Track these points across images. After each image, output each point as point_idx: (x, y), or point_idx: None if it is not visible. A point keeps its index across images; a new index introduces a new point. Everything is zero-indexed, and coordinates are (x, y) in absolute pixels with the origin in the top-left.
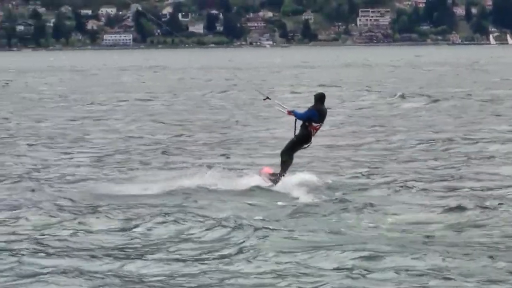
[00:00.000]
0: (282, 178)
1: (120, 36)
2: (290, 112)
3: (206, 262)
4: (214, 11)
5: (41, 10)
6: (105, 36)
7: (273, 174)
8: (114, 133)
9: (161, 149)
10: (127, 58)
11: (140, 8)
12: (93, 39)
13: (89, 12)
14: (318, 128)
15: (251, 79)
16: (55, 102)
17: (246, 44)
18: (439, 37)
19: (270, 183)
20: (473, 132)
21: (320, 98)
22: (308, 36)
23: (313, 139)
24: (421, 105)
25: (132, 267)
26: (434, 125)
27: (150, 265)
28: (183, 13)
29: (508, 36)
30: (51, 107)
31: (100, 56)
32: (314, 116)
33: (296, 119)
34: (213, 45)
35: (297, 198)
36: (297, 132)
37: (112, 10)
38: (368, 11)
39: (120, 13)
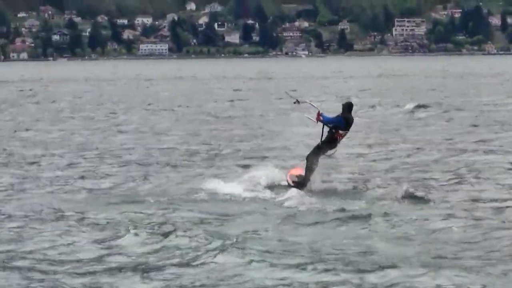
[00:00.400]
0: (308, 182)
1: (156, 46)
2: (319, 115)
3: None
4: (250, 21)
5: (77, 19)
6: (141, 46)
7: (298, 176)
8: (142, 144)
9: (201, 157)
10: (160, 68)
11: (176, 18)
12: (129, 48)
13: (125, 21)
14: (344, 136)
15: (278, 88)
16: (66, 113)
17: (282, 54)
18: (475, 47)
19: (294, 186)
20: (483, 143)
21: (348, 107)
22: (344, 46)
23: (338, 144)
24: (433, 114)
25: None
26: (446, 135)
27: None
28: (219, 23)
29: None
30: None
31: (132, 65)
32: (341, 123)
33: (323, 126)
34: (248, 55)
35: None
36: (324, 138)
37: (148, 20)
38: (404, 21)
39: (156, 22)
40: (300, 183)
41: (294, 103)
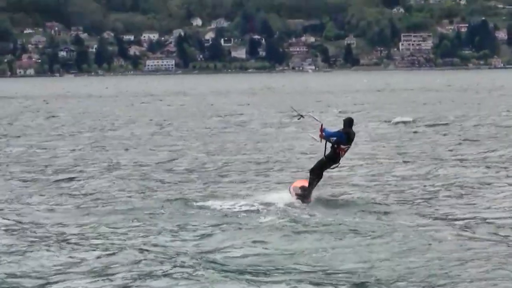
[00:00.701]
0: (310, 194)
1: (163, 62)
2: (322, 130)
3: None
4: (256, 36)
5: (84, 35)
6: (148, 62)
7: (302, 188)
8: (153, 160)
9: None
10: (165, 83)
11: (182, 34)
12: (135, 64)
13: (131, 37)
14: (346, 150)
15: (282, 103)
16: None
17: (289, 69)
18: (481, 62)
19: (296, 198)
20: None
21: (349, 122)
22: (350, 61)
23: (340, 159)
24: (420, 128)
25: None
26: (428, 148)
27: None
28: (226, 38)
29: None
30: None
31: (137, 81)
32: (342, 138)
33: (326, 142)
34: (255, 70)
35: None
36: (327, 152)
37: (154, 36)
38: (411, 35)
39: (163, 38)
40: (303, 195)
41: (298, 119)
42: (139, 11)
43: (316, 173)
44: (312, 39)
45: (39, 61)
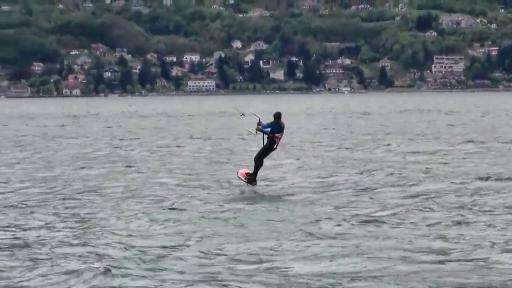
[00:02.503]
0: (255, 180)
1: (204, 82)
2: (259, 123)
3: None
4: (294, 59)
5: (128, 57)
6: (189, 82)
7: (248, 174)
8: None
9: None
10: (205, 103)
11: (223, 56)
12: (178, 85)
13: (174, 59)
14: (280, 138)
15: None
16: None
17: (325, 90)
18: (511, 84)
19: (245, 181)
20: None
21: (278, 116)
22: (385, 82)
23: (277, 146)
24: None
25: None
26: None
27: None
28: (264, 60)
29: None
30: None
31: (179, 101)
32: (276, 129)
33: (263, 134)
34: (293, 91)
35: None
36: (265, 142)
37: (196, 57)
38: (443, 58)
39: (204, 60)
40: (251, 179)
41: (241, 116)
42: (181, 33)
43: (259, 160)
44: (347, 61)
45: (85, 81)
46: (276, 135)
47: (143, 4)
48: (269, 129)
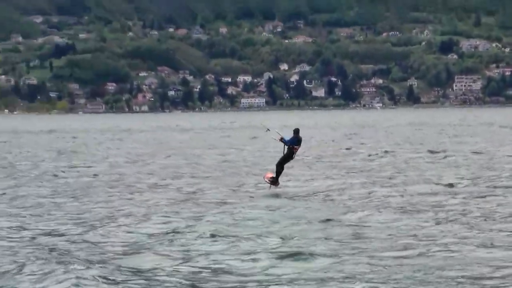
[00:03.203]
0: (277, 182)
1: (255, 100)
2: (281, 138)
3: None
4: (333, 79)
5: (189, 78)
6: (242, 100)
7: (272, 177)
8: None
9: None
10: (258, 118)
11: (271, 76)
12: (232, 102)
13: (229, 79)
14: (297, 149)
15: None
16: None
17: (360, 106)
18: None
19: (269, 184)
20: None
21: (297, 131)
22: (412, 99)
23: (294, 155)
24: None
25: None
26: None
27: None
28: (308, 80)
29: None
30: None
31: (235, 116)
32: (294, 142)
33: (284, 145)
34: (332, 107)
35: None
36: (285, 152)
37: (248, 78)
38: (463, 78)
39: (255, 80)
40: (273, 181)
41: (266, 131)
42: (235, 57)
43: (280, 167)
44: (380, 81)
45: (152, 99)
46: (295, 147)
47: (203, 32)
48: (289, 142)
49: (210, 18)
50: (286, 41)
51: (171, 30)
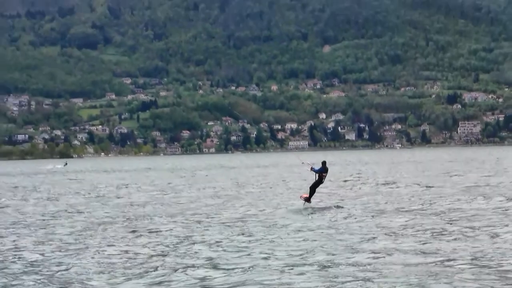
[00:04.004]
0: (310, 201)
1: (299, 143)
2: (312, 168)
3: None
4: (362, 125)
5: (247, 126)
6: (290, 143)
7: (306, 198)
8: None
9: None
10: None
11: (313, 124)
12: (282, 144)
13: (279, 126)
14: (325, 176)
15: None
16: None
17: (383, 146)
18: None
19: (304, 202)
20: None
21: (324, 163)
22: (425, 140)
23: (323, 180)
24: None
25: None
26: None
27: None
28: (341, 126)
29: None
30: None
31: (283, 156)
32: (322, 170)
33: (315, 173)
34: (361, 147)
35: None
36: (316, 178)
37: (294, 125)
38: (465, 123)
39: (299, 127)
40: (307, 200)
41: (302, 163)
42: (284, 109)
43: (312, 190)
44: (399, 126)
45: (218, 143)
46: (323, 174)
47: (258, 89)
48: (318, 170)
49: (263, 78)
50: (324, 95)
51: (232, 88)
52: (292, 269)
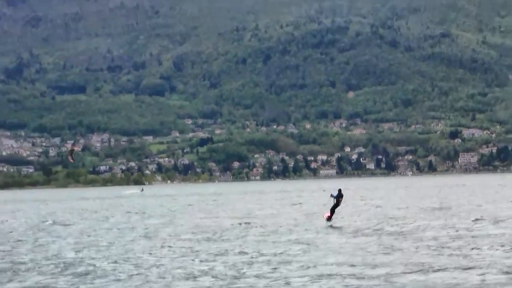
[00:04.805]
0: (331, 219)
1: (329, 171)
2: (331, 195)
3: None
4: (379, 156)
5: (286, 157)
6: (321, 171)
7: (328, 216)
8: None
9: None
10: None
11: (340, 156)
12: (314, 173)
13: (312, 158)
14: (341, 200)
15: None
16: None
17: (397, 174)
18: (505, 168)
19: (326, 221)
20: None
21: (339, 190)
22: (432, 169)
23: (340, 204)
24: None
25: None
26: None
27: None
28: (363, 158)
29: None
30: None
31: (314, 183)
32: (338, 196)
33: (334, 198)
34: (379, 175)
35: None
36: (334, 202)
37: (324, 157)
38: (465, 154)
39: (329, 158)
40: (328, 218)
41: (323, 191)
42: (316, 143)
43: (331, 211)
44: (410, 157)
45: (262, 171)
46: (339, 199)
47: (294, 128)
48: (335, 196)
49: (299, 118)
50: (349, 132)
51: (274, 126)
52: None
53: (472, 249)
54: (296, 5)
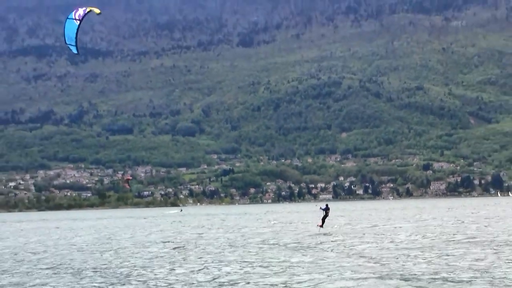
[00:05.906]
0: (321, 227)
1: (326, 196)
2: (320, 207)
3: None
4: (367, 184)
5: (292, 185)
6: (320, 196)
7: (320, 225)
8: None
9: None
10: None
11: (334, 184)
12: (315, 197)
13: (313, 185)
14: (328, 212)
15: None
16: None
17: (381, 198)
18: (468, 193)
19: (318, 228)
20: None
21: (327, 204)
22: (409, 194)
23: (328, 214)
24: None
25: None
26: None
27: None
28: (354, 185)
29: None
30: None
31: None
32: (326, 209)
33: (324, 210)
34: (366, 199)
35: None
36: (325, 213)
37: (322, 185)
38: (436, 183)
39: (326, 185)
40: (321, 226)
41: (320, 208)
42: (316, 174)
43: (323, 220)
44: (391, 185)
45: (273, 196)
46: (327, 211)
47: (298, 161)
48: (324, 209)
49: (302, 154)
50: (342, 165)
51: (282, 160)
52: None
53: None
54: (300, 65)
